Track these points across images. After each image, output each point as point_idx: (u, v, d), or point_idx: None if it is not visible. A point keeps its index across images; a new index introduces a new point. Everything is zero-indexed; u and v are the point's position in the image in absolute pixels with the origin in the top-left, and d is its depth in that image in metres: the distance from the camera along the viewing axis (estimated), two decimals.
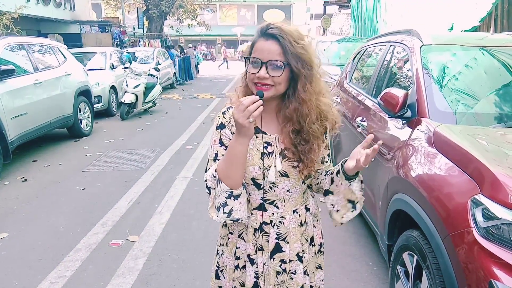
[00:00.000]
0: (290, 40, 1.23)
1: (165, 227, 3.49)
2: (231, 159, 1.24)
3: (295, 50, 1.23)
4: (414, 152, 2.21)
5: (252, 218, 1.36)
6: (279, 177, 1.32)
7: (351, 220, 3.80)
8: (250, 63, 1.26)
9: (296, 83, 1.27)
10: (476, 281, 1.51)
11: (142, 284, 2.68)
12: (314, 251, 1.49)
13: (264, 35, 1.25)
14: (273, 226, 1.36)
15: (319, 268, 1.52)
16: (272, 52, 1.23)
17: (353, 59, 4.37)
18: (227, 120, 1.35)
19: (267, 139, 1.32)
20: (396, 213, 2.25)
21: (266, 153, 1.32)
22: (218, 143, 1.34)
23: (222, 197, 1.27)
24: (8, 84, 5.11)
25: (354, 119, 3.31)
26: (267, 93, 1.24)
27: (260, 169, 1.31)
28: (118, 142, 6.63)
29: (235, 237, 1.41)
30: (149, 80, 9.27)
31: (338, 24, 19.85)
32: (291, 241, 1.38)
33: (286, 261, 1.39)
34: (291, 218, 1.38)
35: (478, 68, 2.67)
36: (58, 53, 6.78)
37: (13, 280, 2.75)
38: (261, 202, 1.36)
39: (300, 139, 1.30)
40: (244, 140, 1.21)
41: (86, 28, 17.28)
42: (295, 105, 1.27)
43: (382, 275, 2.77)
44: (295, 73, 1.25)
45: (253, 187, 1.34)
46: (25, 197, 4.26)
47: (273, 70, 1.23)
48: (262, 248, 1.37)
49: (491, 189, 1.59)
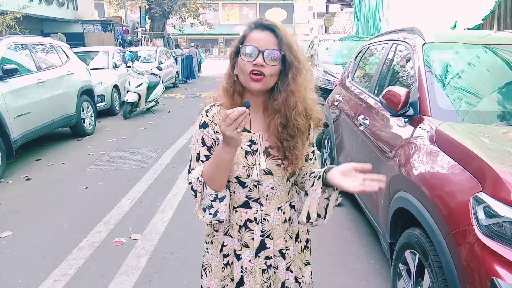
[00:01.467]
0: (283, 32, 1.27)
1: (168, 226, 3.50)
2: (218, 165, 1.24)
3: (288, 42, 1.26)
4: (416, 150, 2.20)
5: (236, 216, 1.37)
6: (264, 175, 1.33)
7: (353, 219, 3.78)
8: (243, 53, 1.26)
9: (286, 75, 1.29)
10: (478, 279, 1.51)
11: (145, 282, 2.69)
12: (300, 247, 1.49)
13: (259, 26, 1.28)
14: (257, 223, 1.37)
15: (308, 264, 1.52)
16: (269, 42, 1.25)
17: (356, 57, 4.36)
18: (210, 118, 1.34)
19: (251, 137, 1.33)
20: (398, 211, 2.25)
21: (250, 152, 1.32)
22: (201, 143, 1.34)
23: (207, 200, 1.30)
24: (11, 83, 5.13)
25: (356, 117, 3.31)
26: (259, 84, 1.25)
27: (244, 167, 1.31)
28: (120, 141, 6.65)
29: (220, 234, 1.42)
30: (152, 79, 9.29)
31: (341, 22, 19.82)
32: (275, 237, 1.39)
33: (270, 257, 1.40)
34: (275, 215, 1.38)
35: (480, 66, 2.66)
36: (61, 53, 6.80)
37: (17, 278, 2.77)
38: (246, 200, 1.36)
39: (286, 134, 1.30)
40: (231, 149, 1.21)
41: (89, 28, 17.30)
42: (284, 96, 1.28)
43: (384, 273, 2.77)
44: (288, 63, 1.27)
45: (237, 185, 1.35)
46: (28, 196, 4.28)
47: (269, 58, 1.24)
48: (247, 245, 1.38)
49: (493, 187, 1.59)
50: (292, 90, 1.28)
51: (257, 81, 1.25)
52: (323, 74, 7.28)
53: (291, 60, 1.27)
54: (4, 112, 4.85)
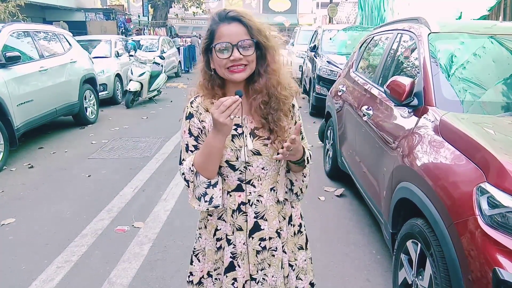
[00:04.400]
0: (249, 18, 1.28)
1: (170, 214, 3.52)
2: (209, 153, 1.29)
3: (257, 26, 1.28)
4: (420, 140, 2.19)
5: (230, 200, 1.39)
6: (252, 156, 1.35)
7: (355, 210, 3.80)
8: (218, 51, 1.26)
9: (263, 57, 1.32)
10: (480, 268, 1.51)
11: (147, 269, 2.71)
12: (293, 231, 1.50)
13: (224, 19, 1.28)
14: (251, 205, 1.39)
15: (301, 249, 1.53)
16: (239, 34, 1.26)
17: (360, 47, 4.33)
18: (195, 109, 1.38)
19: (236, 121, 1.34)
20: (400, 201, 2.25)
21: (236, 135, 1.35)
22: (188, 134, 1.38)
23: (201, 188, 1.34)
24: (14, 71, 5.12)
25: (360, 108, 3.30)
26: (243, 74, 1.28)
27: (232, 150, 1.34)
28: (123, 130, 6.65)
29: (214, 219, 1.45)
30: (154, 68, 9.25)
31: (345, 13, 19.65)
32: (270, 218, 1.41)
33: (265, 239, 1.41)
34: (268, 196, 1.40)
35: (486, 57, 2.63)
36: (63, 40, 6.77)
37: (20, 264, 2.79)
38: (238, 183, 1.38)
39: (269, 108, 1.33)
40: (222, 137, 1.25)
41: (91, 16, 17.21)
42: (266, 78, 1.32)
43: (386, 263, 2.78)
44: (264, 46, 1.30)
45: (228, 169, 1.37)
46: (31, 184, 4.29)
47: (244, 50, 1.26)
48: (241, 228, 1.40)
49: (497, 177, 1.58)
50: (273, 69, 1.33)
51: (239, 72, 1.28)
52: (326, 64, 7.22)
53: (265, 43, 1.30)
54: (7, 99, 4.84)
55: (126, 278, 2.62)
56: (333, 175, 4.31)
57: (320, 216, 3.51)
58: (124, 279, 2.61)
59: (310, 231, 3.17)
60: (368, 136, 3.02)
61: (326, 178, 4.41)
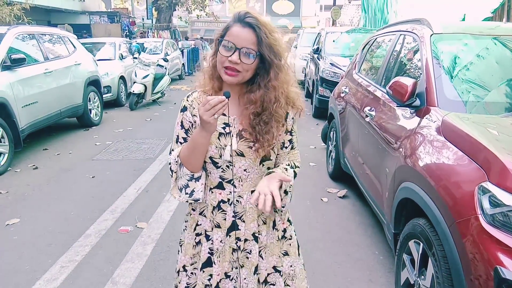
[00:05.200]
0: (265, 31, 1.28)
1: (173, 215, 3.53)
2: (194, 148, 1.32)
3: (269, 41, 1.28)
4: (422, 140, 2.20)
5: (212, 197, 1.42)
6: (236, 156, 1.36)
7: (358, 211, 3.79)
8: (223, 46, 1.28)
9: (267, 72, 1.32)
10: (482, 267, 1.51)
11: (151, 269, 2.72)
12: (277, 236, 1.48)
13: (241, 22, 1.28)
14: (230, 204, 1.41)
15: (286, 255, 1.50)
16: (247, 40, 1.27)
17: (363, 49, 4.34)
18: (189, 103, 1.42)
19: (225, 120, 1.36)
20: (402, 202, 2.26)
21: (223, 133, 1.37)
22: (180, 126, 1.42)
23: (184, 180, 1.38)
24: (19, 73, 5.17)
25: (363, 109, 3.30)
26: (233, 79, 1.30)
27: (217, 148, 1.36)
28: (127, 131, 6.68)
29: (196, 214, 1.48)
30: (158, 70, 9.30)
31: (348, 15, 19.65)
32: (247, 220, 1.42)
33: (241, 239, 1.42)
34: (248, 198, 1.41)
35: (489, 58, 2.63)
36: (68, 43, 6.82)
37: (24, 264, 2.81)
38: (220, 180, 1.41)
39: (259, 120, 1.34)
40: (207, 134, 1.28)
41: (96, 19, 17.34)
42: (263, 92, 1.33)
43: (388, 264, 2.78)
44: (268, 62, 1.31)
45: (211, 166, 1.40)
46: (36, 184, 4.32)
47: (245, 57, 1.27)
48: (219, 226, 1.42)
49: (499, 176, 1.59)
50: (274, 86, 1.33)
51: (231, 75, 1.29)
52: (329, 66, 7.22)
53: (270, 59, 1.30)
54: (12, 101, 4.89)
55: (129, 277, 2.63)
56: (336, 176, 4.31)
57: (322, 217, 3.51)
58: (127, 278, 2.62)
59: (313, 232, 3.21)
60: (370, 137, 3.02)
61: (329, 179, 4.42)
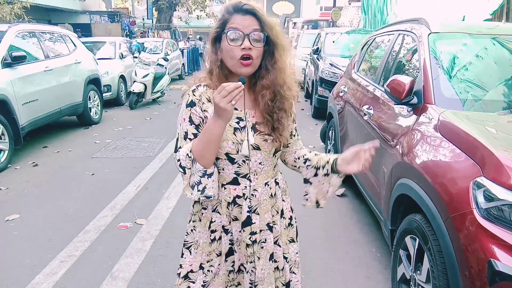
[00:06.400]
0: (263, 14, 1.31)
1: (172, 211, 3.55)
2: (208, 140, 1.28)
3: (269, 22, 1.31)
4: (419, 137, 2.22)
5: (225, 193, 1.40)
6: (252, 150, 1.36)
7: (356, 209, 3.81)
8: (229, 38, 1.29)
9: (272, 54, 1.34)
10: (476, 260, 1.54)
11: (149, 264, 2.74)
12: (285, 224, 1.52)
13: (240, 10, 1.30)
14: (245, 199, 1.40)
15: (292, 242, 1.55)
16: (252, 25, 1.29)
17: (362, 48, 4.37)
18: (197, 97, 1.37)
19: (238, 114, 1.36)
20: (399, 198, 2.28)
21: (238, 128, 1.36)
22: (188, 121, 1.36)
23: (196, 176, 1.33)
24: (20, 70, 5.19)
25: (361, 107, 3.33)
26: (250, 69, 1.31)
27: (234, 143, 1.35)
28: (126, 130, 6.70)
29: (209, 211, 1.45)
30: (158, 70, 9.33)
31: (348, 16, 19.68)
32: (262, 212, 1.43)
33: (256, 232, 1.42)
34: (263, 190, 1.42)
35: (487, 57, 2.66)
36: (68, 42, 6.84)
37: (24, 259, 2.83)
38: (235, 176, 1.39)
39: (274, 107, 1.36)
40: (223, 123, 1.25)
41: (96, 18, 17.37)
42: (274, 74, 1.34)
43: (385, 260, 2.81)
44: (273, 43, 1.33)
45: (226, 162, 1.37)
46: (35, 181, 4.34)
47: (255, 41, 1.29)
48: (237, 219, 1.43)
49: (493, 171, 1.61)
50: (280, 67, 1.35)
51: (247, 65, 1.30)
52: (328, 67, 7.25)
53: (275, 40, 1.32)
54: (13, 98, 4.90)
55: (128, 272, 2.65)
56: None
57: (321, 215, 3.53)
58: (126, 273, 2.64)
59: (311, 229, 3.24)
60: (368, 135, 3.04)
61: None
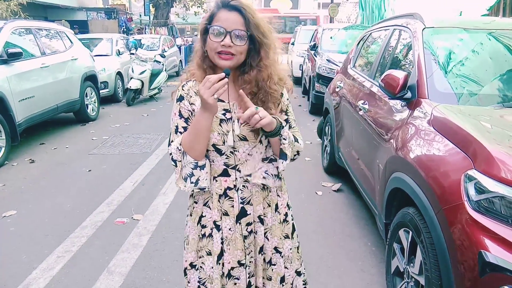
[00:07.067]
0: (250, 12, 1.31)
1: (169, 207, 3.57)
2: (196, 132, 1.31)
3: (256, 21, 1.32)
4: (412, 131, 2.24)
5: (216, 185, 1.42)
6: (239, 141, 1.38)
7: (351, 203, 3.84)
8: (212, 33, 1.30)
9: (257, 52, 1.35)
10: (467, 252, 1.55)
11: (146, 259, 2.76)
12: (279, 219, 1.52)
13: (226, 6, 1.31)
14: (237, 190, 1.42)
15: (287, 238, 1.54)
16: (236, 23, 1.30)
17: (358, 44, 4.37)
18: (186, 92, 1.41)
19: (225, 106, 1.38)
20: (393, 192, 2.29)
21: (224, 120, 1.38)
22: (178, 116, 1.40)
23: (188, 168, 1.36)
24: (16, 67, 5.18)
25: (356, 103, 3.34)
26: (229, 63, 1.31)
27: (219, 134, 1.37)
28: (123, 127, 6.71)
29: (199, 206, 1.47)
30: (155, 66, 9.30)
31: (346, 13, 19.68)
32: (255, 203, 1.44)
33: (251, 223, 1.44)
34: (253, 178, 1.42)
35: (481, 51, 2.67)
36: (64, 38, 6.83)
37: (21, 254, 2.84)
38: (224, 167, 1.41)
39: (257, 100, 1.37)
40: (209, 115, 1.28)
41: (93, 15, 17.30)
42: (256, 71, 1.36)
43: (380, 254, 2.83)
44: (258, 41, 1.34)
45: (215, 153, 1.40)
46: (32, 178, 4.35)
47: (237, 39, 1.30)
48: (227, 213, 1.43)
49: (484, 164, 1.63)
50: (265, 64, 1.37)
51: (226, 59, 1.31)
52: (326, 63, 7.25)
53: (260, 38, 1.33)
54: (9, 95, 4.90)
55: (124, 267, 2.67)
56: (331, 170, 4.35)
57: (316, 210, 3.55)
58: (122, 268, 2.66)
59: (307, 224, 3.26)
60: (363, 130, 3.06)
61: (324, 173, 4.46)
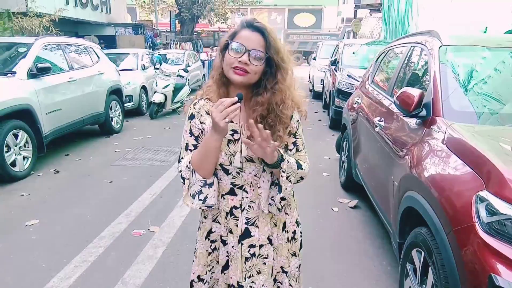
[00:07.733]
0: (272, 36, 1.34)
1: (185, 220, 3.61)
2: (206, 153, 1.34)
3: (276, 45, 1.34)
4: (426, 150, 2.22)
5: (224, 203, 1.45)
6: (245, 162, 1.39)
7: (368, 221, 3.81)
8: (231, 49, 1.33)
9: (273, 75, 1.36)
10: (477, 275, 1.52)
11: (160, 271, 2.80)
12: (287, 237, 1.52)
13: (250, 26, 1.35)
14: (242, 210, 1.43)
15: (294, 256, 1.54)
16: (257, 43, 1.33)
17: (376, 60, 4.37)
18: (197, 110, 1.44)
19: (233, 127, 1.39)
20: (407, 211, 2.27)
21: (232, 140, 1.40)
22: (189, 133, 1.44)
23: (197, 186, 1.39)
24: (45, 81, 5.40)
25: (373, 119, 3.32)
26: (242, 78, 1.33)
27: (227, 155, 1.39)
28: (146, 139, 6.85)
29: (208, 221, 1.50)
30: (178, 80, 9.51)
31: (369, 27, 19.61)
32: (261, 225, 1.44)
33: (255, 246, 1.44)
34: (260, 203, 1.43)
35: (499, 69, 2.63)
36: (92, 53, 7.09)
37: (40, 263, 2.93)
38: (231, 187, 1.43)
39: (265, 123, 1.37)
40: (219, 137, 1.30)
41: (121, 31, 17.86)
42: (270, 94, 1.36)
43: (395, 274, 2.77)
44: (275, 65, 1.35)
45: (222, 173, 1.42)
46: (56, 188, 4.49)
47: (254, 59, 1.32)
48: (232, 231, 1.45)
49: (497, 185, 1.60)
50: (281, 88, 1.37)
51: (239, 74, 1.32)
52: (346, 78, 7.25)
53: (278, 62, 1.35)
54: (37, 108, 5.11)
55: (139, 278, 2.72)
56: (348, 186, 4.32)
57: (332, 226, 3.53)
58: (137, 279, 2.71)
59: (322, 240, 3.24)
60: (379, 146, 3.04)
61: (341, 189, 4.42)
